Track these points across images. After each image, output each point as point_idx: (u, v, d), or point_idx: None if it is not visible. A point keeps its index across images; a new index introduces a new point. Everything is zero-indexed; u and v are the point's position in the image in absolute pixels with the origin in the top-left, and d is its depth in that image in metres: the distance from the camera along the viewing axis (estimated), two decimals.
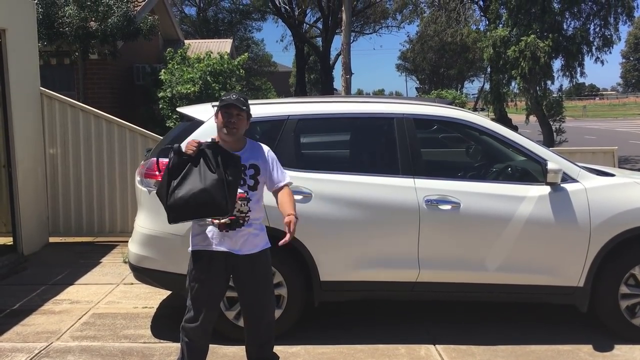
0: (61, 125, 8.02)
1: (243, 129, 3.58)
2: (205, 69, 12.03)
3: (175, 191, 3.33)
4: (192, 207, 3.32)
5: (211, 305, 3.63)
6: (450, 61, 55.81)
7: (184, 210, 3.34)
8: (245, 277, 3.62)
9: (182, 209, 3.33)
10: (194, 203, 3.30)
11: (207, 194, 3.28)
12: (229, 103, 3.50)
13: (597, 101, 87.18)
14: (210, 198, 3.28)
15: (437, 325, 5.01)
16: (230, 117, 3.50)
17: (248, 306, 3.71)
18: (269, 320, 3.73)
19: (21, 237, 7.26)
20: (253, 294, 3.65)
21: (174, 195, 3.32)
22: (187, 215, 3.39)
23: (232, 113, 3.50)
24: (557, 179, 4.55)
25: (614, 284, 4.59)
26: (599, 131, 32.47)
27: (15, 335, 4.88)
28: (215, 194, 3.29)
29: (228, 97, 3.56)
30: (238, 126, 3.52)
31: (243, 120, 3.55)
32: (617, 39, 15.91)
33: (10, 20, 7.10)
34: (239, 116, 3.52)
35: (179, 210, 3.34)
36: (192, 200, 3.30)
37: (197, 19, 39.38)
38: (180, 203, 3.31)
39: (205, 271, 3.57)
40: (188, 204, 3.31)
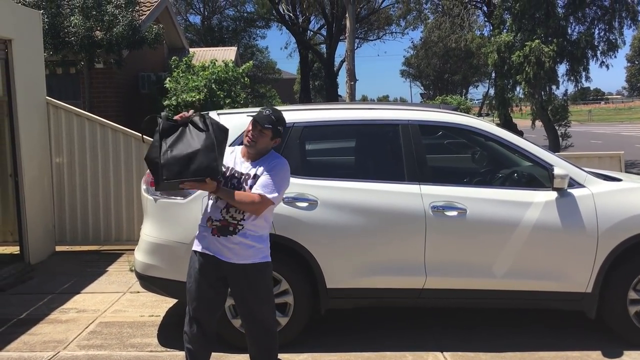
0: (67, 134, 8.05)
1: (263, 144, 3.54)
2: (210, 77, 12.06)
3: (167, 151, 3.34)
4: (185, 165, 3.31)
5: (206, 309, 3.60)
6: (454, 67, 55.83)
7: (177, 168, 3.31)
8: (238, 287, 3.60)
9: (174, 167, 3.31)
10: (187, 161, 3.31)
11: (199, 153, 3.31)
12: (253, 118, 3.54)
13: (602, 105, 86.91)
14: (203, 157, 3.31)
15: (444, 332, 4.99)
16: (253, 129, 3.53)
17: (243, 316, 3.72)
18: (268, 331, 3.67)
19: (28, 246, 7.29)
20: (247, 305, 3.62)
21: (167, 154, 3.33)
22: (179, 173, 3.32)
23: (255, 127, 3.53)
24: (564, 185, 4.53)
25: (623, 289, 4.56)
26: (605, 135, 32.37)
27: (22, 345, 4.88)
28: (206, 153, 3.32)
29: (260, 110, 3.61)
30: (256, 140, 3.52)
31: (265, 137, 3.53)
32: (621, 43, 15.89)
33: (17, 30, 7.15)
34: (262, 132, 3.51)
35: (172, 168, 3.31)
36: (185, 159, 3.31)
37: (201, 27, 39.59)
38: (173, 161, 3.31)
39: (198, 272, 3.58)
40: (180, 162, 3.31)
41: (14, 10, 7.38)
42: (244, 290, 3.59)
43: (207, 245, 3.56)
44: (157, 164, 3.35)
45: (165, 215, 4.69)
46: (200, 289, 3.58)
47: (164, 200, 4.69)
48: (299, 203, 4.55)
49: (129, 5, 12.07)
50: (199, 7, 40.86)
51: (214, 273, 3.57)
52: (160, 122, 3.44)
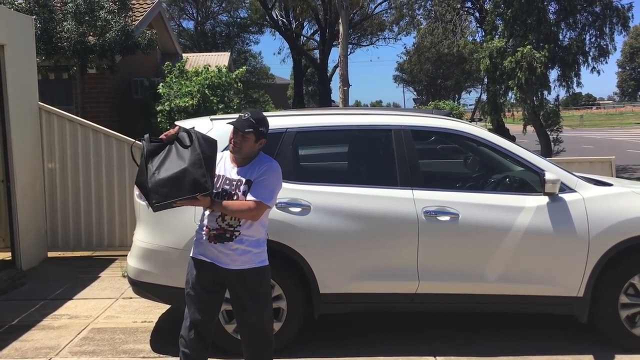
0: (60, 139, 8.02)
1: (248, 149, 3.52)
2: (203, 82, 12.07)
3: (155, 173, 3.31)
4: (174, 186, 3.28)
5: (204, 314, 3.59)
6: (447, 72, 56.03)
7: (166, 190, 3.28)
8: (236, 293, 3.60)
9: (163, 189, 3.28)
10: (175, 181, 3.28)
11: (186, 171, 3.29)
12: (233, 124, 3.50)
13: (594, 110, 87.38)
14: (191, 174, 3.28)
15: (438, 336, 5.00)
16: (235, 136, 3.52)
17: (240, 321, 3.70)
18: (265, 337, 3.66)
19: (20, 252, 7.25)
20: (244, 310, 3.60)
21: (154, 177, 3.30)
22: (168, 194, 3.29)
23: (237, 133, 3.52)
24: (555, 189, 4.56)
25: (614, 293, 4.59)
26: (596, 140, 32.55)
27: (14, 351, 4.85)
28: (194, 170, 3.29)
29: (239, 115, 3.58)
30: (240, 146, 3.51)
31: (248, 141, 3.50)
32: (612, 48, 16.03)
33: (9, 35, 7.13)
34: (244, 137, 3.50)
35: (161, 190, 3.28)
36: (173, 179, 3.28)
37: (194, 32, 39.58)
38: (161, 183, 3.28)
39: (195, 278, 3.58)
40: (168, 183, 3.28)
41: (6, 15, 7.37)
42: (242, 296, 3.58)
43: (203, 251, 3.56)
44: (146, 188, 3.33)
45: (158, 220, 4.67)
46: (198, 295, 3.57)
47: None
48: (292, 208, 4.56)
49: (122, 11, 12.09)
50: (192, 12, 40.89)
51: (211, 279, 3.57)
52: (144, 145, 3.40)
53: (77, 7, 11.40)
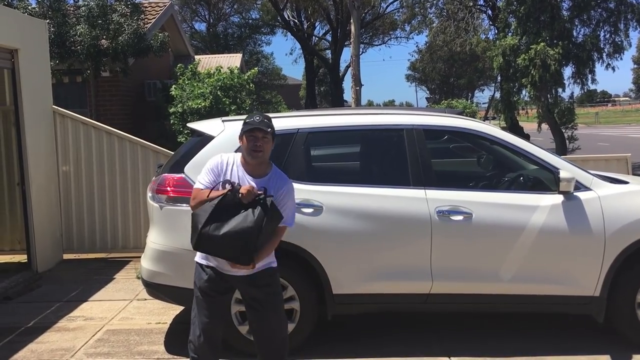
0: (74, 142, 8.09)
1: (269, 151, 3.47)
2: (215, 84, 12.10)
3: (210, 226, 3.29)
4: (221, 246, 3.31)
5: (213, 317, 3.57)
6: (460, 71, 55.78)
7: (210, 246, 3.33)
8: (248, 296, 3.61)
9: (208, 243, 3.32)
10: (223, 241, 3.28)
11: (238, 235, 3.26)
12: (253, 127, 3.40)
13: (609, 107, 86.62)
14: (239, 243, 3.27)
15: (451, 337, 4.96)
16: (256, 140, 3.41)
17: (253, 324, 3.71)
18: (279, 338, 3.66)
19: (35, 255, 7.31)
20: (258, 313, 3.61)
21: (208, 229, 3.28)
22: (212, 250, 3.37)
23: (257, 136, 3.41)
24: (570, 188, 4.51)
25: (631, 293, 4.53)
26: (612, 138, 32.22)
27: (30, 353, 4.89)
28: (248, 241, 3.27)
29: (252, 119, 3.45)
30: (264, 149, 3.43)
31: (269, 142, 3.45)
32: (627, 45, 15.83)
33: (23, 40, 7.20)
34: (265, 139, 3.42)
35: (205, 244, 3.33)
36: (223, 240, 3.28)
37: (207, 34, 39.71)
38: (209, 238, 3.29)
39: (203, 282, 3.55)
40: (217, 241, 3.29)
41: (20, 20, 7.44)
42: (255, 298, 3.59)
43: (212, 258, 3.53)
44: (196, 228, 3.33)
45: (171, 222, 4.69)
46: (207, 300, 3.56)
47: (170, 207, 4.70)
48: (304, 209, 4.54)
49: (135, 14, 12.16)
50: (204, 14, 41.03)
51: (220, 284, 3.56)
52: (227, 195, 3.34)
53: (90, 10, 11.49)
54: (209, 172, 3.52)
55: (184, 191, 4.52)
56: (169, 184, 4.74)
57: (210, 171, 3.51)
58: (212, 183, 3.47)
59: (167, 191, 4.73)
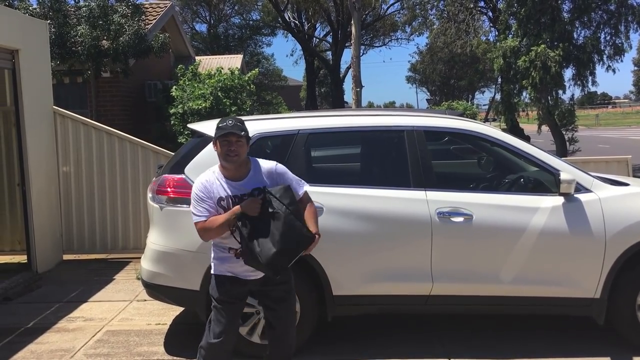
0: (74, 143, 8.09)
1: (244, 154, 3.45)
2: (216, 85, 12.10)
3: (261, 250, 3.28)
4: (285, 254, 3.32)
5: (231, 324, 3.59)
6: (460, 72, 55.74)
7: (283, 260, 3.34)
8: (265, 296, 3.64)
9: (279, 260, 3.31)
10: (284, 248, 3.29)
11: (287, 234, 3.29)
12: (227, 131, 3.37)
13: (610, 109, 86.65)
14: (293, 236, 3.30)
15: (452, 338, 4.96)
16: (230, 145, 3.38)
17: (270, 323, 3.71)
18: (289, 338, 3.72)
19: (35, 255, 7.31)
20: (274, 312, 3.65)
21: (262, 253, 3.28)
22: (285, 260, 3.37)
23: (231, 141, 3.38)
24: (571, 190, 4.50)
25: (631, 295, 4.52)
26: (612, 140, 32.22)
27: (29, 354, 4.89)
28: (291, 231, 3.30)
29: (224, 124, 3.42)
30: (238, 153, 3.40)
31: (243, 145, 3.42)
32: (628, 47, 15.83)
33: (23, 40, 7.20)
34: (238, 142, 3.39)
35: (279, 264, 3.33)
36: (282, 250, 3.28)
37: (207, 35, 39.74)
38: (275, 257, 3.28)
39: (225, 294, 3.54)
40: (279, 255, 3.29)
41: (21, 20, 7.44)
42: (271, 297, 3.62)
43: (231, 269, 3.53)
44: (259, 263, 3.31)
45: (171, 223, 4.69)
46: (227, 307, 3.54)
47: (170, 208, 4.69)
48: None
49: (135, 15, 12.17)
50: (205, 15, 41.06)
51: (239, 290, 3.57)
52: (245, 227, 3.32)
53: (91, 11, 11.49)
54: (201, 201, 3.45)
55: (184, 192, 4.51)
56: (169, 184, 4.74)
57: (202, 199, 3.45)
58: (210, 208, 3.43)
59: (167, 192, 4.72)
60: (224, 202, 3.43)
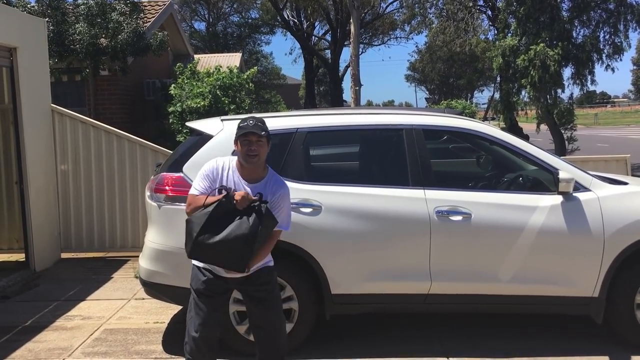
0: (72, 141, 8.07)
1: (264, 155, 3.43)
2: (214, 83, 12.09)
3: (205, 235, 3.28)
4: (211, 251, 3.31)
5: (210, 319, 3.54)
6: (459, 71, 55.77)
7: (203, 254, 3.33)
8: (247, 295, 3.62)
9: (206, 251, 3.31)
10: (215, 248, 3.28)
11: (232, 242, 3.26)
12: (247, 131, 3.36)
13: (609, 109, 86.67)
14: (233, 250, 3.27)
15: (450, 337, 4.96)
16: (250, 144, 3.37)
17: (254, 323, 3.70)
18: (277, 337, 3.67)
19: (33, 254, 7.30)
20: (257, 312, 3.62)
21: (203, 237, 3.27)
22: (206, 257, 3.38)
23: (251, 140, 3.37)
24: (569, 188, 4.50)
25: (630, 294, 4.52)
26: (611, 139, 32.24)
27: (27, 352, 4.88)
28: (241, 248, 3.27)
29: (245, 123, 3.41)
30: (259, 153, 3.39)
31: (263, 146, 3.40)
32: (627, 46, 15.87)
33: (21, 38, 7.18)
34: (259, 142, 3.37)
35: (203, 252, 3.32)
36: (218, 245, 3.27)
37: (206, 33, 39.72)
38: (203, 246, 3.29)
39: (202, 285, 3.53)
40: (209, 248, 3.29)
41: (19, 18, 7.42)
42: (253, 297, 3.59)
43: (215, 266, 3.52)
44: (191, 236, 3.32)
45: (169, 221, 4.68)
46: (204, 300, 3.53)
47: (168, 206, 4.68)
48: (303, 209, 4.53)
49: (134, 13, 12.15)
50: (204, 13, 41.03)
51: (218, 285, 3.55)
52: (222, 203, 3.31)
53: (89, 9, 11.47)
54: (204, 178, 3.48)
55: (182, 190, 4.50)
56: (167, 183, 4.72)
57: (206, 177, 3.48)
58: (207, 189, 3.44)
59: (165, 190, 4.71)
60: (224, 191, 3.43)
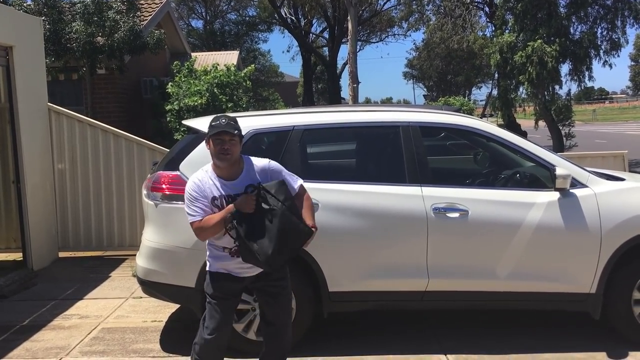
0: (69, 140, 8.06)
1: (237, 153, 3.42)
2: (212, 81, 12.07)
3: (260, 248, 3.26)
4: (283, 250, 3.30)
5: (225, 320, 3.57)
6: (457, 68, 55.76)
7: (279, 256, 3.32)
8: (262, 292, 3.63)
9: (276, 257, 3.30)
10: (281, 245, 3.28)
11: (284, 231, 3.27)
12: (219, 130, 3.34)
13: (607, 105, 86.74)
14: (290, 233, 3.29)
15: (448, 334, 4.96)
16: (223, 144, 3.35)
17: (266, 321, 3.70)
18: (286, 334, 3.70)
19: (31, 253, 7.29)
20: (271, 308, 3.63)
21: (261, 250, 3.26)
22: (283, 256, 3.36)
23: (224, 139, 3.35)
24: (566, 185, 4.50)
25: (627, 289, 4.52)
26: (609, 135, 32.26)
27: (24, 352, 4.87)
28: (289, 226, 3.28)
29: (217, 122, 3.39)
30: (232, 152, 3.37)
31: (236, 144, 3.38)
32: (624, 42, 15.86)
33: (17, 37, 7.16)
34: (232, 141, 3.35)
35: (278, 261, 3.33)
36: (279, 244, 3.27)
37: (203, 31, 39.68)
38: (273, 256, 3.27)
39: (220, 290, 3.53)
40: (278, 252, 3.28)
41: (15, 17, 7.41)
42: (268, 293, 3.60)
43: (225, 266, 3.52)
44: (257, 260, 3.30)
45: (166, 220, 4.67)
46: (221, 303, 3.53)
47: (165, 205, 4.68)
48: None
49: (130, 11, 12.12)
50: (201, 11, 40.97)
51: (235, 287, 3.56)
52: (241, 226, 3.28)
53: (86, 7, 11.44)
54: (195, 200, 3.41)
55: (179, 189, 4.47)
56: (164, 181, 4.72)
57: (195, 199, 3.42)
58: (207, 207, 3.40)
59: (162, 189, 4.70)
60: (217, 202, 3.41)
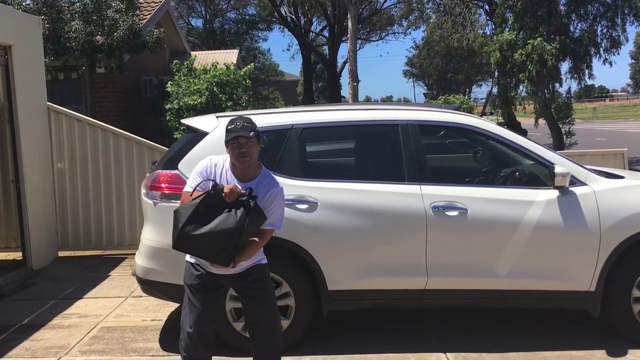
0: (69, 139, 8.05)
1: (256, 154, 3.43)
2: (211, 80, 12.06)
3: (191, 226, 3.26)
4: (200, 246, 3.29)
5: (205, 316, 3.53)
6: (457, 66, 55.71)
7: (192, 245, 3.31)
8: (241, 292, 3.61)
9: (191, 243, 3.29)
10: (201, 240, 3.26)
11: (216, 239, 3.24)
12: (235, 135, 3.35)
13: (607, 103, 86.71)
14: (218, 245, 3.25)
15: (447, 332, 4.95)
16: (240, 147, 3.36)
17: (249, 320, 3.69)
18: (273, 333, 3.66)
19: (30, 252, 7.28)
20: (252, 308, 3.61)
21: (188, 229, 3.26)
22: (191, 249, 3.36)
23: (241, 143, 3.36)
24: (565, 183, 4.49)
25: (626, 287, 4.52)
26: (609, 133, 32.24)
27: (24, 351, 4.87)
28: (228, 240, 3.24)
29: (232, 126, 3.39)
30: (249, 154, 3.38)
31: (254, 146, 3.39)
32: (624, 39, 15.84)
33: (16, 36, 7.15)
34: (249, 143, 3.36)
35: (188, 243, 3.31)
36: (203, 239, 3.26)
37: (203, 30, 39.64)
38: (188, 238, 3.27)
39: (195, 281, 3.52)
40: (195, 240, 3.27)
41: (14, 16, 7.40)
42: (246, 295, 3.58)
43: (198, 259, 3.51)
44: (177, 227, 3.30)
45: (165, 218, 4.63)
46: (198, 296, 3.52)
47: (164, 204, 4.67)
48: (299, 205, 4.52)
49: (130, 10, 12.11)
50: (201, 10, 40.94)
51: (211, 281, 3.54)
52: (209, 195, 3.30)
53: (85, 6, 11.43)
54: (197, 175, 3.48)
55: (178, 187, 4.48)
56: (163, 180, 4.72)
57: (199, 174, 3.47)
58: (200, 186, 3.44)
59: (161, 188, 4.70)
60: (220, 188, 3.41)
